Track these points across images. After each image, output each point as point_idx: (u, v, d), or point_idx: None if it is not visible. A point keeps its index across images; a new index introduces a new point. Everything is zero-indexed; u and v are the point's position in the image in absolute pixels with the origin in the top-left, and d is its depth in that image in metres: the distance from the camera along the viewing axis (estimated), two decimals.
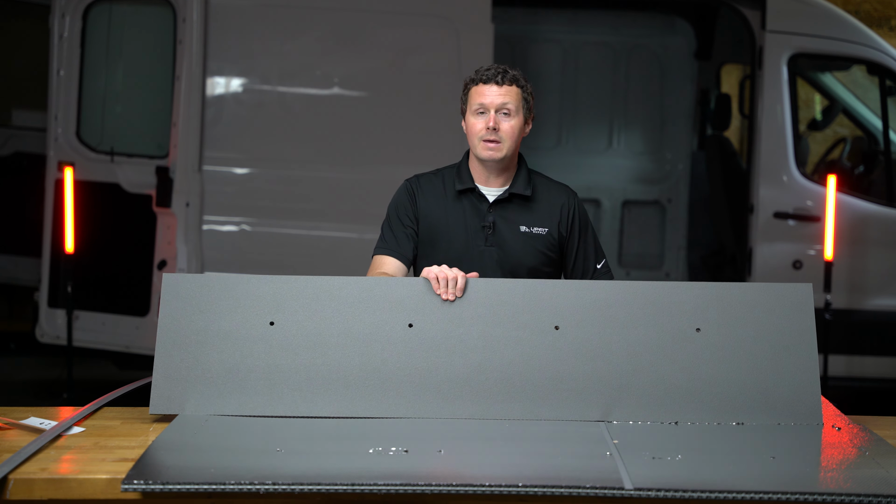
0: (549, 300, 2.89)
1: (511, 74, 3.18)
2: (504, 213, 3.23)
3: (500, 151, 3.16)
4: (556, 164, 7.54)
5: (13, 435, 2.64)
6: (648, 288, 2.93)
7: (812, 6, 6.21)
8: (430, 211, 3.24)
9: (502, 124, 3.15)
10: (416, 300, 2.89)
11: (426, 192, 3.26)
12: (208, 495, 2.31)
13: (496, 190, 3.24)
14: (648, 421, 2.83)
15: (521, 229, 3.23)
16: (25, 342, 7.25)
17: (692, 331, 2.89)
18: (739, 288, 2.96)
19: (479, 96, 3.16)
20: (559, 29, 7.60)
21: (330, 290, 2.89)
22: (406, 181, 3.30)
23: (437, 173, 3.32)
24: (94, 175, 5.98)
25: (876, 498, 2.29)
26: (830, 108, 6.87)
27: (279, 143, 5.92)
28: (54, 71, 6.01)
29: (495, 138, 3.14)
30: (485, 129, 3.14)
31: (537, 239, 3.24)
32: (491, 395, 2.83)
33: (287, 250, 5.87)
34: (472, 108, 3.17)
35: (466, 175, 3.25)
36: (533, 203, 3.26)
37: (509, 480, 2.32)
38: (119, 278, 6.15)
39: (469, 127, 3.20)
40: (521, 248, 3.22)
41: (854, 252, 6.09)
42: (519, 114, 3.18)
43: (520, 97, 3.19)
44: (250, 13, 5.89)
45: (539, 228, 3.24)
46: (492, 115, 3.14)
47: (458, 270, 2.90)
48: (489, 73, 3.17)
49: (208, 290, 2.87)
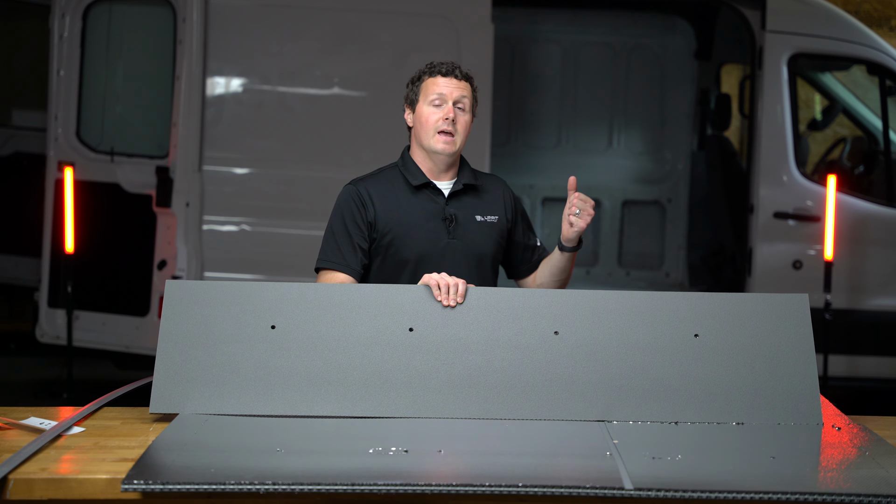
0: (549, 307, 2.91)
1: (465, 72, 3.23)
2: (460, 204, 3.25)
3: (454, 145, 3.18)
4: (556, 164, 7.54)
5: (13, 435, 2.64)
6: (647, 297, 2.95)
7: (812, 6, 6.21)
8: (387, 212, 3.19)
9: (459, 118, 3.17)
10: (417, 306, 2.90)
11: (377, 195, 3.20)
12: (208, 495, 2.31)
13: (447, 183, 3.25)
14: (648, 421, 2.83)
15: (477, 219, 3.26)
16: (25, 342, 7.25)
17: (690, 336, 2.90)
18: (737, 298, 2.98)
19: (437, 87, 3.17)
20: (559, 29, 7.60)
21: (331, 297, 2.90)
22: (350, 186, 3.23)
23: (379, 173, 3.29)
24: (94, 175, 5.98)
25: (876, 498, 2.29)
26: (830, 108, 6.87)
27: (279, 143, 5.92)
28: (54, 71, 6.01)
29: (451, 130, 3.16)
30: (442, 119, 3.15)
31: (491, 227, 3.27)
32: (491, 395, 2.84)
33: (287, 250, 5.87)
34: (429, 99, 3.17)
35: (416, 171, 3.24)
36: (481, 193, 3.30)
37: (509, 480, 2.32)
38: (119, 278, 6.15)
39: (423, 118, 3.18)
40: (481, 237, 3.25)
41: (854, 252, 6.09)
42: (470, 111, 3.21)
43: (472, 94, 3.22)
44: (250, 13, 5.89)
45: (491, 217, 3.28)
46: (450, 106, 3.16)
47: (458, 278, 2.92)
48: (447, 67, 3.19)
49: (210, 296, 2.88)
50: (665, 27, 7.58)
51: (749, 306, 2.94)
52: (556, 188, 7.49)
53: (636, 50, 7.60)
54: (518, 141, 7.61)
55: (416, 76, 3.24)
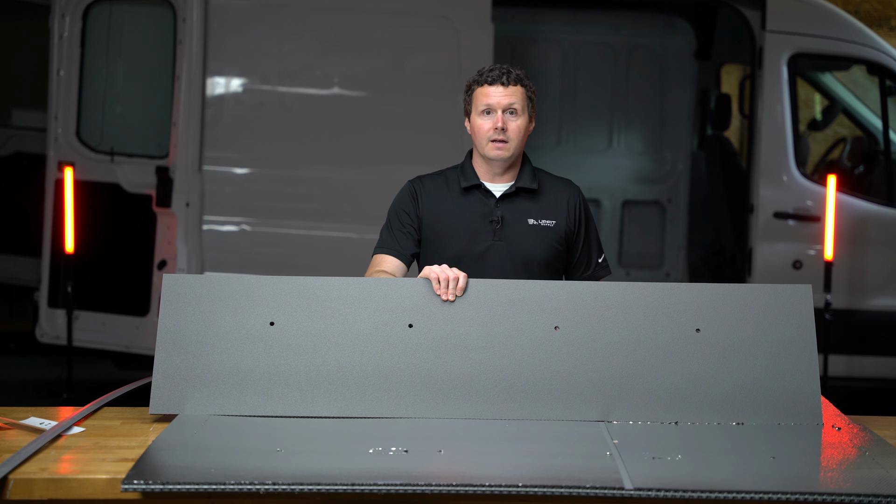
0: (549, 301, 2.90)
1: (515, 74, 3.19)
2: (511, 207, 3.25)
3: (508, 151, 3.19)
4: (556, 164, 7.52)
5: (13, 435, 2.64)
6: (648, 289, 2.93)
7: (812, 6, 6.21)
8: (435, 209, 3.25)
9: (510, 124, 3.17)
10: (416, 300, 2.89)
11: (429, 191, 3.27)
12: (208, 495, 2.31)
13: (502, 185, 3.26)
14: (648, 421, 2.83)
15: (530, 222, 3.24)
16: (25, 342, 7.24)
17: (692, 331, 2.89)
18: (739, 289, 2.96)
19: (486, 97, 3.17)
20: (559, 29, 7.60)
21: (330, 290, 2.89)
22: (409, 182, 3.32)
23: (441, 173, 3.34)
24: (94, 175, 5.98)
25: (876, 498, 2.29)
26: (830, 108, 6.87)
27: (279, 143, 5.92)
28: (54, 71, 6.01)
29: (503, 138, 3.17)
30: (492, 129, 3.16)
31: (545, 231, 3.25)
32: (491, 395, 2.84)
33: (287, 250, 5.87)
34: (479, 110, 3.18)
35: (471, 173, 3.27)
36: (539, 196, 3.28)
37: (509, 480, 2.32)
38: (119, 278, 6.15)
39: (476, 128, 3.21)
40: (531, 240, 3.24)
41: (854, 252, 6.09)
42: (524, 113, 3.20)
43: (524, 96, 3.20)
44: (250, 13, 5.89)
45: (547, 221, 3.26)
46: (499, 115, 3.16)
47: (459, 270, 2.91)
48: (494, 74, 3.18)
49: (208, 290, 2.88)
50: (665, 27, 7.58)
51: (752, 298, 2.92)
52: None
53: (636, 50, 7.61)
54: None
55: (468, 85, 3.24)
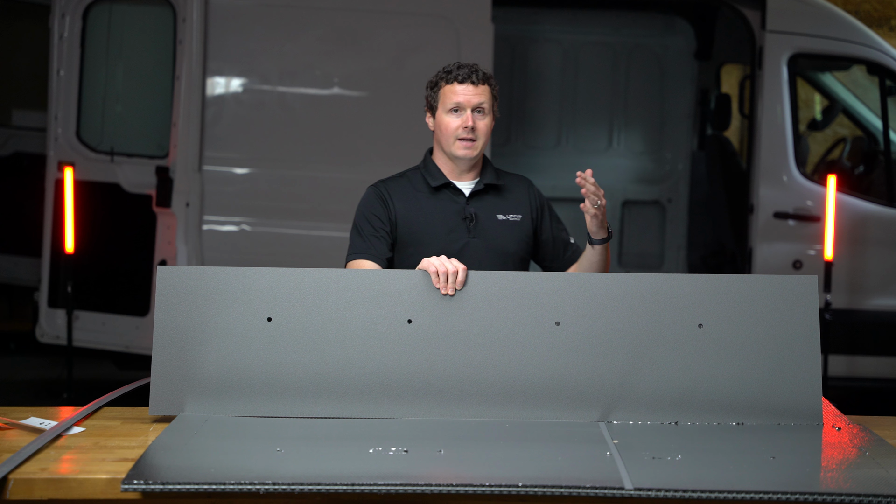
0: (550, 294, 2.87)
1: (482, 73, 3.21)
2: (481, 203, 3.27)
3: (476, 149, 3.21)
4: (556, 164, 7.54)
5: (13, 435, 2.64)
6: (651, 280, 2.91)
7: (812, 6, 6.21)
8: (407, 211, 3.23)
9: (478, 123, 3.19)
10: (415, 294, 2.87)
11: (397, 194, 3.25)
12: (208, 495, 2.31)
13: (469, 183, 3.27)
14: (648, 421, 2.83)
15: (499, 217, 3.27)
16: (25, 342, 7.25)
17: (694, 327, 2.88)
18: (743, 280, 2.93)
19: (455, 95, 3.17)
20: (559, 29, 7.60)
21: (327, 283, 2.87)
22: (372, 187, 3.29)
23: (401, 175, 3.32)
24: (94, 175, 5.98)
25: (876, 498, 2.29)
26: (830, 108, 6.87)
27: (279, 143, 5.92)
28: (54, 71, 6.01)
29: (472, 137, 3.18)
30: (461, 128, 3.17)
31: (515, 226, 3.29)
32: (491, 396, 2.83)
33: (287, 250, 5.87)
34: (447, 107, 3.18)
35: (437, 172, 3.27)
36: (504, 192, 3.31)
37: (509, 480, 2.32)
38: (119, 278, 6.15)
39: (443, 126, 3.20)
40: (504, 235, 3.27)
41: (854, 252, 6.09)
42: (490, 112, 3.22)
43: (491, 95, 3.22)
44: (250, 13, 5.89)
45: (514, 216, 3.30)
46: (468, 114, 3.17)
47: (458, 262, 2.90)
48: (464, 73, 3.18)
49: (204, 283, 2.85)
50: (665, 27, 7.58)
51: (756, 289, 2.90)
52: (557, 188, 7.47)
53: (636, 50, 7.60)
54: (518, 141, 7.62)
55: (434, 81, 3.23)
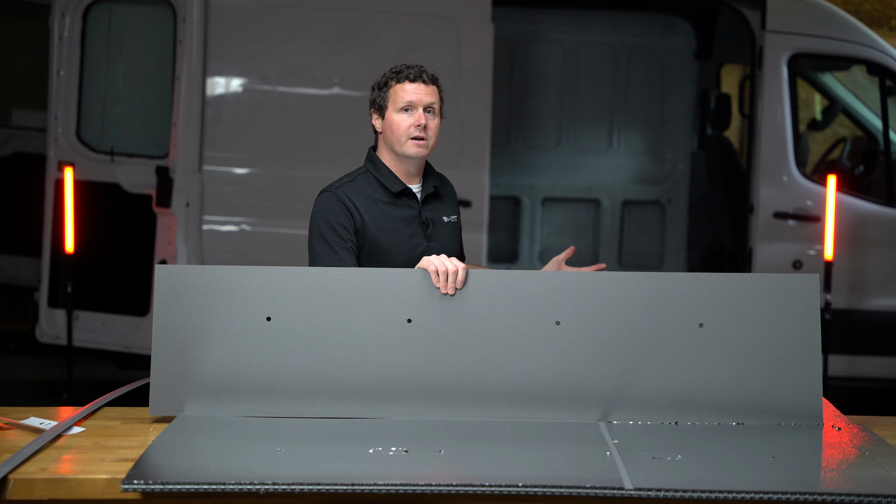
0: (550, 294, 2.87)
1: (431, 74, 3.21)
2: (430, 207, 3.29)
3: (427, 149, 3.20)
4: (555, 164, 7.55)
5: (13, 435, 2.64)
6: (651, 279, 2.90)
7: (812, 6, 6.21)
8: (373, 221, 3.18)
9: (429, 122, 3.18)
10: (415, 293, 2.87)
11: (359, 202, 3.18)
12: (208, 495, 2.31)
13: (418, 186, 3.28)
14: (648, 421, 2.83)
15: (445, 220, 3.30)
16: (25, 342, 7.25)
17: (695, 326, 2.87)
18: (744, 279, 2.93)
19: (406, 94, 3.15)
20: (559, 29, 7.60)
21: (327, 282, 2.86)
22: (331, 193, 3.20)
23: (352, 181, 3.25)
24: (94, 175, 5.98)
25: (876, 498, 2.29)
26: (830, 108, 6.87)
27: (279, 143, 5.92)
28: (54, 71, 6.01)
29: (424, 136, 3.17)
30: (413, 126, 3.15)
31: (455, 227, 3.34)
32: (490, 396, 2.83)
33: (287, 250, 5.86)
34: (398, 106, 3.16)
35: (391, 176, 3.23)
36: (442, 194, 3.34)
37: (509, 480, 2.32)
38: (119, 278, 6.15)
39: (394, 125, 3.17)
40: (451, 237, 3.30)
41: (854, 252, 6.09)
42: (440, 113, 3.22)
43: (440, 96, 3.22)
44: (250, 13, 5.89)
45: (453, 217, 3.34)
46: (420, 113, 3.16)
47: (458, 261, 2.90)
48: (414, 72, 3.17)
49: (203, 282, 2.84)
50: (665, 27, 7.58)
51: (757, 287, 2.89)
52: (556, 188, 7.50)
53: (636, 50, 7.61)
54: (518, 141, 7.62)
55: (383, 81, 3.21)
